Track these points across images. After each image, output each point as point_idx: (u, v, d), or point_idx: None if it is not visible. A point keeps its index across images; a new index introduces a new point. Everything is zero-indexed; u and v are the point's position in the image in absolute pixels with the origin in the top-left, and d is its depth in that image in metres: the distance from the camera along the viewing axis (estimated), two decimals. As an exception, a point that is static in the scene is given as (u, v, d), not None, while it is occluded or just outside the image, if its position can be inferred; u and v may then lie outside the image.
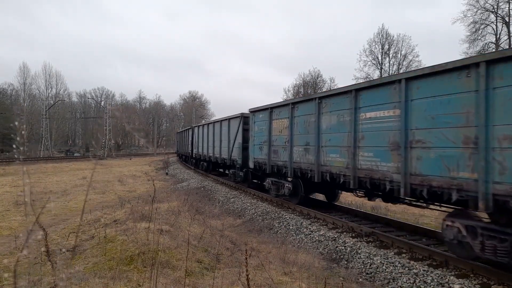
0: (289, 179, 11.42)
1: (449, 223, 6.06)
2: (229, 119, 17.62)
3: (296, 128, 10.46)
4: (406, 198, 6.93)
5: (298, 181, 10.95)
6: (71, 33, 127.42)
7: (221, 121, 19.39)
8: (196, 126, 26.78)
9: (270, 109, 12.06)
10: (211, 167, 23.06)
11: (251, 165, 13.83)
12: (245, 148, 15.01)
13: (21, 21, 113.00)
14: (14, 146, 1.65)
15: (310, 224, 9.56)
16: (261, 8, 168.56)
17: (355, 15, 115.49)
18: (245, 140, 15.11)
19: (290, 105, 10.67)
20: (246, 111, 14.93)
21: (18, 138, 1.60)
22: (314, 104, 9.38)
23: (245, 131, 15.32)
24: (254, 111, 13.56)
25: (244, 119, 15.58)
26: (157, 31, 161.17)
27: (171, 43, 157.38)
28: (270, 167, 12.13)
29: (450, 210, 6.39)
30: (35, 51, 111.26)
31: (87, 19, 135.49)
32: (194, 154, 27.30)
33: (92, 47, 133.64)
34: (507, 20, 32.85)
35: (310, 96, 9.82)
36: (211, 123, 21.70)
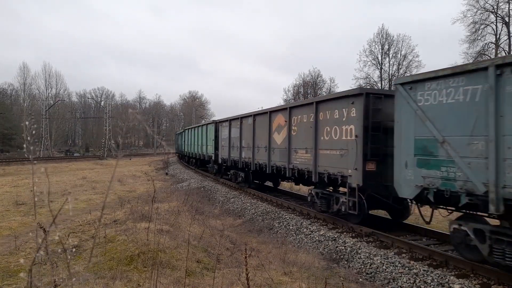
0: None
1: None
2: None
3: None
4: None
5: None
6: (60, 32, 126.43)
7: None
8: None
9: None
10: None
11: None
12: None
13: (10, 21, 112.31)
14: (24, 146, 1.69)
15: (310, 224, 9.56)
16: (250, 7, 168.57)
17: (347, 13, 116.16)
18: None
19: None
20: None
21: (29, 138, 1.63)
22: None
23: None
24: None
25: None
26: (146, 29, 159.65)
27: (163, 41, 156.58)
28: None
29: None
30: (24, 50, 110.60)
31: (74, 17, 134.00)
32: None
33: (87, 47, 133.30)
34: (507, 20, 32.83)
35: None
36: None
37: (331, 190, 9.42)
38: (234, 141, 15.96)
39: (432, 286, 5.60)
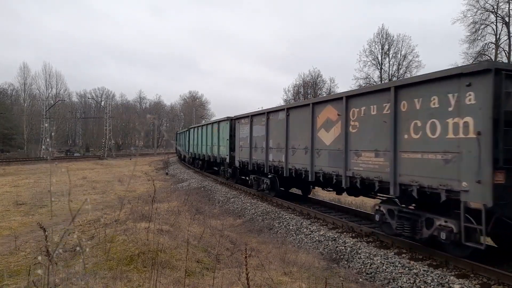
0: None
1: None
2: None
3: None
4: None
5: None
6: (60, 32, 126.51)
7: None
8: None
9: None
10: None
11: None
12: None
13: (10, 21, 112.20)
14: (43, 146, 1.71)
15: (310, 224, 9.56)
16: (250, 7, 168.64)
17: (347, 13, 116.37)
18: None
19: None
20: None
21: (47, 139, 1.64)
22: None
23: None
24: None
25: None
26: (146, 29, 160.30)
27: (163, 41, 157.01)
28: None
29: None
30: (24, 50, 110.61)
31: (74, 17, 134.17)
32: None
33: (87, 47, 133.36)
34: (507, 20, 32.82)
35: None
36: None
37: (413, 208, 7.12)
38: (258, 141, 13.57)
39: (432, 286, 5.60)
